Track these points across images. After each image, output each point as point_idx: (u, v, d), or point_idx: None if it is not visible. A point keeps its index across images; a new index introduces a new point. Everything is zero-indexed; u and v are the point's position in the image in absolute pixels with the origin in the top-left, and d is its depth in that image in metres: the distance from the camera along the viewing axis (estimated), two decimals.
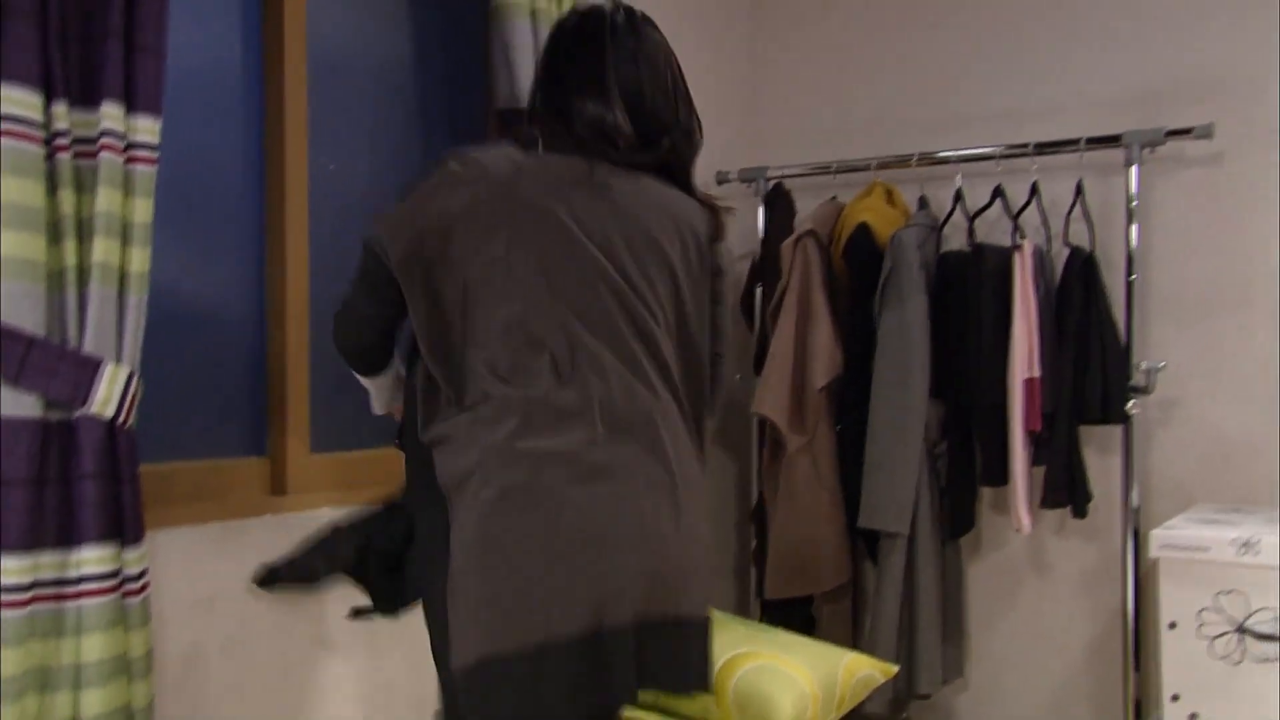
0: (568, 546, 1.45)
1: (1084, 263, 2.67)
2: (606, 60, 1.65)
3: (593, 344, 1.53)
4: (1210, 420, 2.79)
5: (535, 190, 1.54)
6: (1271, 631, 2.24)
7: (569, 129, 1.61)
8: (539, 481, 1.46)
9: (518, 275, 1.52)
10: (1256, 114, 2.74)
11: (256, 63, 2.15)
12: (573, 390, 1.51)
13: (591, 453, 1.49)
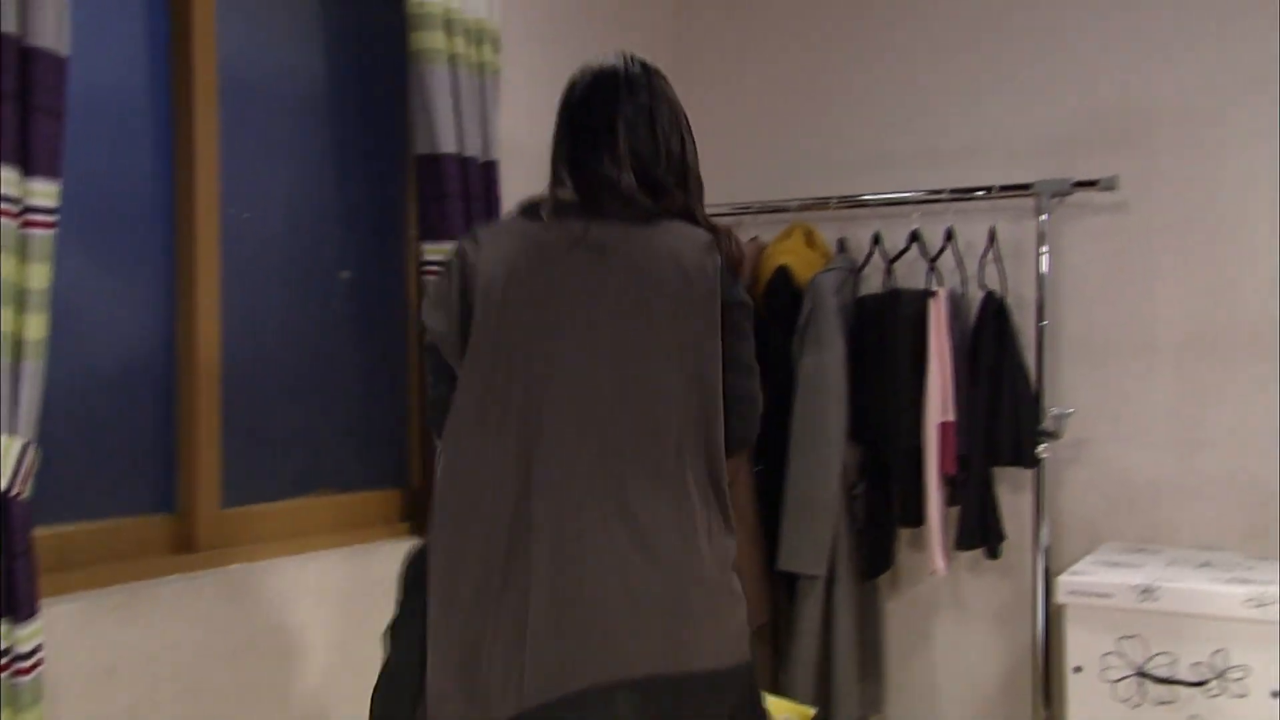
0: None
1: (996, 310, 2.73)
2: (619, 119, 1.69)
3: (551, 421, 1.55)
4: (1117, 461, 2.87)
5: (524, 275, 1.59)
6: (1169, 675, 2.31)
7: (578, 187, 1.66)
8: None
9: (484, 359, 1.58)
10: (1159, 166, 2.83)
11: (167, 114, 2.11)
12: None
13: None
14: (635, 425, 1.55)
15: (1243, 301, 2.75)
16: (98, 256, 2.00)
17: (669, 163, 1.71)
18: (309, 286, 2.41)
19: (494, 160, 2.59)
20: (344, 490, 2.46)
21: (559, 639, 1.49)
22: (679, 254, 1.60)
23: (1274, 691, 2.22)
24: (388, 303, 2.60)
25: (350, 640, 2.29)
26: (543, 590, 1.50)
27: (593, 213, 1.63)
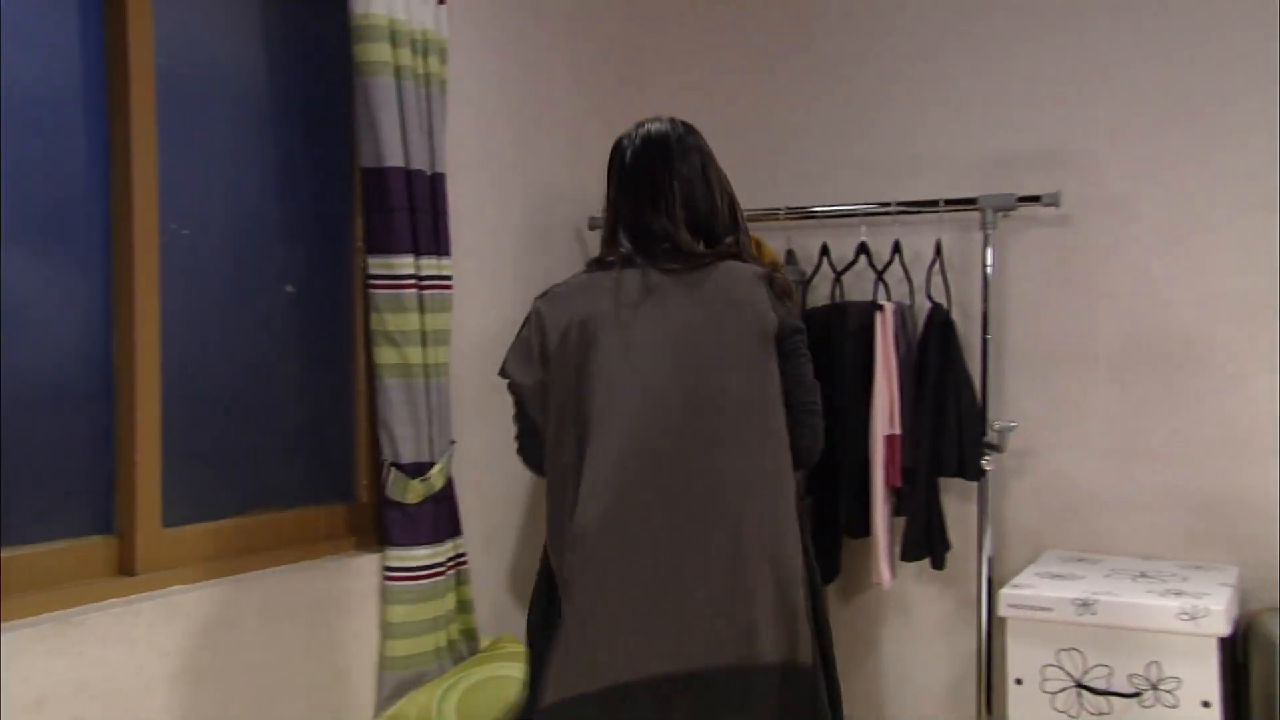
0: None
1: (942, 323, 2.76)
2: (675, 179, 1.92)
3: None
4: (1059, 471, 2.92)
5: (576, 328, 1.87)
6: (1106, 687, 2.35)
7: (637, 244, 1.90)
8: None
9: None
10: (1099, 181, 2.87)
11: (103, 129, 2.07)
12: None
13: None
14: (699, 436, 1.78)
15: (1179, 315, 2.80)
16: (30, 269, 1.96)
17: (723, 214, 1.96)
18: (252, 300, 2.38)
19: (442, 173, 2.57)
20: (289, 507, 2.43)
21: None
22: (731, 290, 1.84)
23: (1204, 701, 2.27)
24: (334, 317, 2.57)
25: (295, 659, 2.27)
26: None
27: (651, 264, 1.87)
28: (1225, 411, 2.75)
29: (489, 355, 2.91)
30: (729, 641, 1.74)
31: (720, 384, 1.79)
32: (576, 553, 1.81)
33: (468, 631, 2.66)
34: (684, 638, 1.74)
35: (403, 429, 2.48)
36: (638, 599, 1.77)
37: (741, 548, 1.75)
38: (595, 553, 1.80)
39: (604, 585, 1.80)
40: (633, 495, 1.78)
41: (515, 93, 3.02)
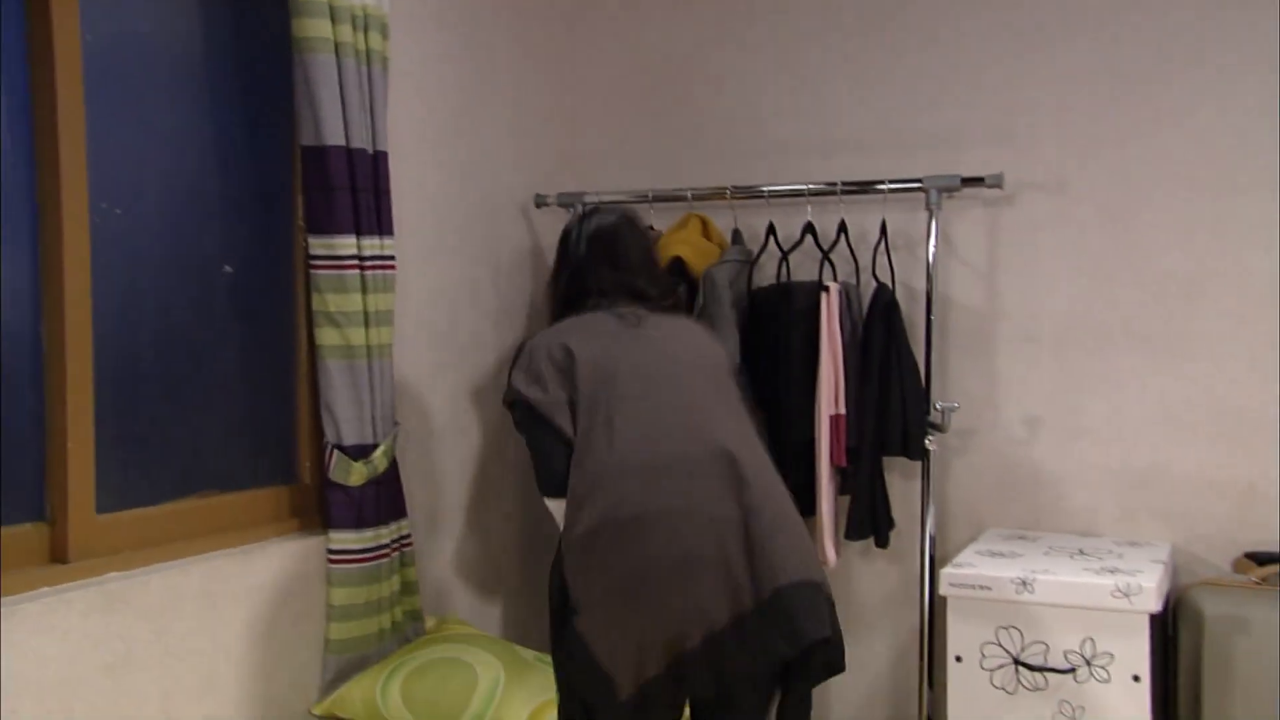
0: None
1: (886, 305, 2.77)
2: (642, 251, 2.40)
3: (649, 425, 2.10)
4: (1001, 450, 2.96)
5: (596, 348, 2.18)
6: (1042, 664, 2.40)
7: (607, 295, 2.31)
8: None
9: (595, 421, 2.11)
10: (1042, 161, 2.89)
11: (26, 105, 2.01)
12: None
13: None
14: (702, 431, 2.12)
15: (1119, 294, 2.84)
16: None
17: (656, 269, 2.45)
18: (189, 281, 2.34)
19: (384, 151, 2.53)
20: (230, 490, 2.41)
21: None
22: (690, 328, 2.33)
23: (1134, 675, 2.32)
24: (274, 298, 2.54)
25: (237, 644, 2.25)
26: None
27: (633, 304, 2.30)
28: (1162, 390, 2.80)
29: (434, 336, 2.89)
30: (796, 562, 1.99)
31: (714, 387, 2.20)
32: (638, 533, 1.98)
33: (412, 613, 2.65)
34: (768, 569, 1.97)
35: (345, 411, 2.46)
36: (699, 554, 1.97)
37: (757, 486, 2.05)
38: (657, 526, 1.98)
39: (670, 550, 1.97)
40: (675, 474, 2.04)
41: (458, 69, 2.98)
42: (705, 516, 1.97)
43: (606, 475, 2.03)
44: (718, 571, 1.94)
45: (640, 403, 2.11)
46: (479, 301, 3.06)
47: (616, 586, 1.96)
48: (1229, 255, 2.74)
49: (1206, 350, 2.76)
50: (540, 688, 2.35)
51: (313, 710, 2.43)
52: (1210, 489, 2.75)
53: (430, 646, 2.50)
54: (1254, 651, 2.38)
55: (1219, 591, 2.49)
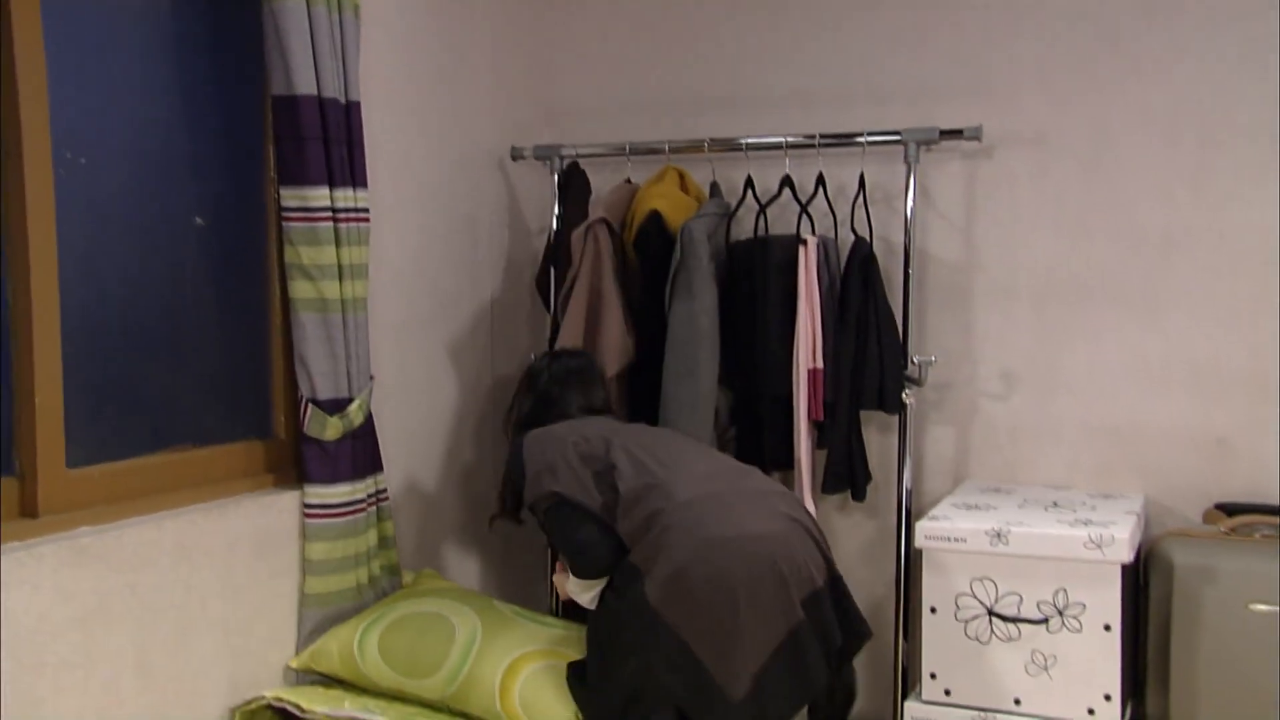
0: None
1: (864, 259, 2.76)
2: (594, 382, 2.61)
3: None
4: (977, 403, 2.97)
5: (591, 429, 2.38)
6: (1016, 614, 2.42)
7: (569, 414, 2.51)
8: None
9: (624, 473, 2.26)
10: (1021, 113, 2.88)
11: None
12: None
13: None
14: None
15: (1096, 248, 2.84)
16: None
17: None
18: (159, 233, 2.30)
19: (356, 101, 2.49)
20: (204, 445, 2.39)
21: None
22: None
23: (1105, 625, 2.35)
24: (247, 250, 2.51)
25: (212, 599, 2.25)
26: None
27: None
28: (1138, 343, 2.81)
29: (409, 288, 2.87)
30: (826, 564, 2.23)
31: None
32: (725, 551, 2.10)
33: (390, 567, 2.65)
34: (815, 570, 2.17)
35: (320, 365, 2.44)
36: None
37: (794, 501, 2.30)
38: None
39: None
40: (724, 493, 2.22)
41: (434, 18, 2.93)
42: (779, 517, 2.17)
43: (680, 513, 2.14)
44: (805, 552, 2.15)
45: (674, 462, 2.26)
46: (455, 254, 3.03)
47: (725, 600, 2.06)
48: (1206, 209, 2.74)
49: (1182, 305, 2.77)
50: (518, 641, 2.36)
51: (290, 664, 2.43)
52: (1183, 442, 2.77)
53: (408, 600, 2.50)
54: (1221, 599, 2.40)
55: (1189, 542, 2.51)
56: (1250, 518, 2.55)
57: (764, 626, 2.06)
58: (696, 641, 2.06)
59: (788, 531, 2.15)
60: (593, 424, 2.43)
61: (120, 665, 2.05)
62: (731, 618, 2.04)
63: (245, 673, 2.33)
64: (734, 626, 2.05)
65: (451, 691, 2.29)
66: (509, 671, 2.29)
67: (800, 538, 2.16)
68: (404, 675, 2.32)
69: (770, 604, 2.07)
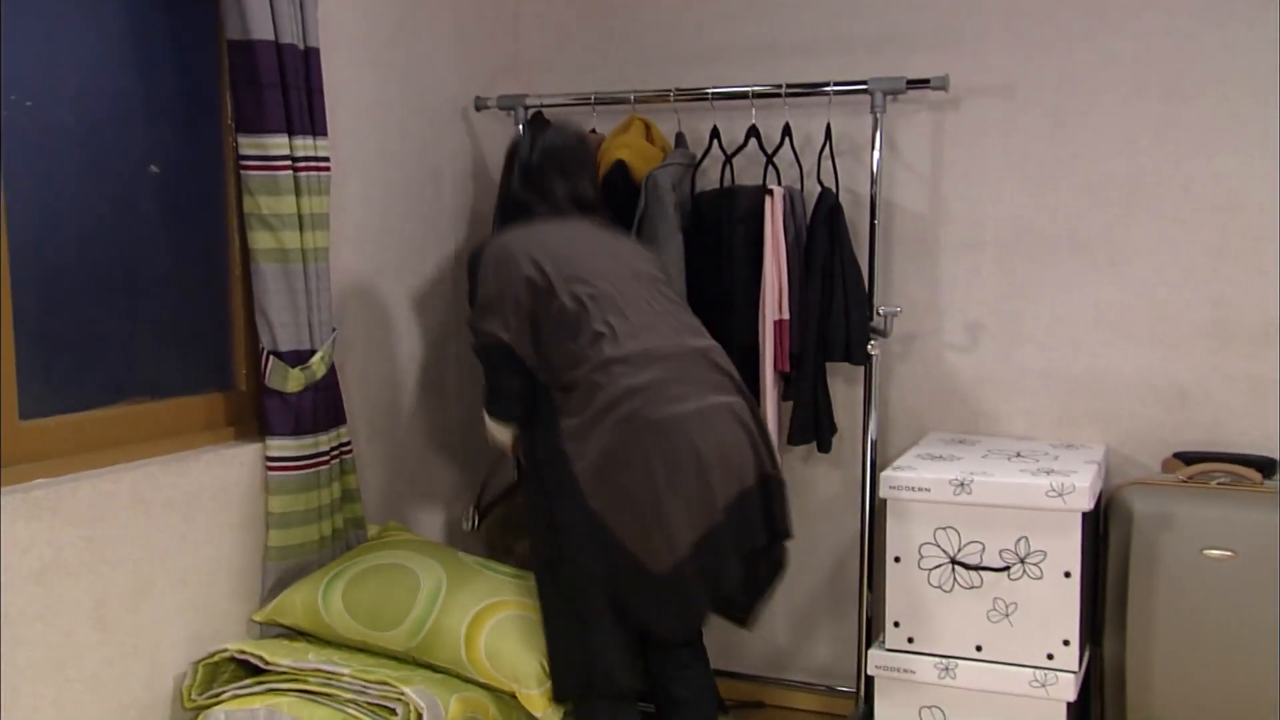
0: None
1: (830, 209, 2.75)
2: (581, 165, 2.50)
3: (638, 321, 2.27)
4: (943, 355, 2.98)
5: (557, 249, 2.31)
6: (978, 563, 2.44)
7: (558, 206, 2.44)
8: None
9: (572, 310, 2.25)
10: (988, 64, 2.86)
11: None
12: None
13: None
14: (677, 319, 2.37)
15: (1061, 199, 2.84)
16: None
17: (593, 179, 2.57)
18: (112, 180, 2.25)
19: (315, 48, 2.44)
20: (162, 397, 2.35)
21: None
22: (630, 241, 2.50)
23: (1065, 572, 2.38)
24: (203, 197, 2.46)
25: (172, 552, 2.23)
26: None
27: (587, 212, 2.47)
28: (1102, 295, 2.82)
29: (372, 239, 2.83)
30: (757, 460, 2.25)
31: (666, 292, 2.39)
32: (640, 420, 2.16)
33: (354, 520, 2.64)
34: (743, 462, 2.22)
35: (281, 316, 2.40)
36: (709, 441, 2.18)
37: (734, 381, 2.31)
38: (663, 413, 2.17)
39: (684, 439, 2.16)
40: (667, 362, 2.23)
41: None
42: (724, 406, 2.21)
43: (616, 378, 2.18)
44: (744, 445, 2.21)
45: (624, 311, 2.25)
46: (418, 205, 2.99)
47: (658, 481, 2.13)
48: (1170, 161, 2.74)
49: (1145, 255, 2.78)
50: (483, 592, 2.36)
51: (254, 617, 2.42)
52: (1144, 392, 2.80)
53: (372, 553, 2.49)
54: (1177, 545, 2.44)
55: (1148, 490, 2.54)
56: (1207, 466, 2.58)
57: (686, 523, 2.14)
58: (623, 530, 2.16)
59: (722, 428, 2.19)
60: (563, 234, 2.36)
61: (77, 617, 2.03)
62: (655, 511, 2.13)
63: (207, 626, 2.31)
64: (656, 518, 2.13)
65: (416, 643, 2.29)
66: (474, 622, 2.29)
67: (734, 435, 2.21)
68: (368, 627, 2.32)
69: (692, 500, 2.14)
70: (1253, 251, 2.68)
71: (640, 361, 2.20)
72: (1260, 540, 2.40)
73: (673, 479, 2.13)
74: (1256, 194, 2.67)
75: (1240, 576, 2.40)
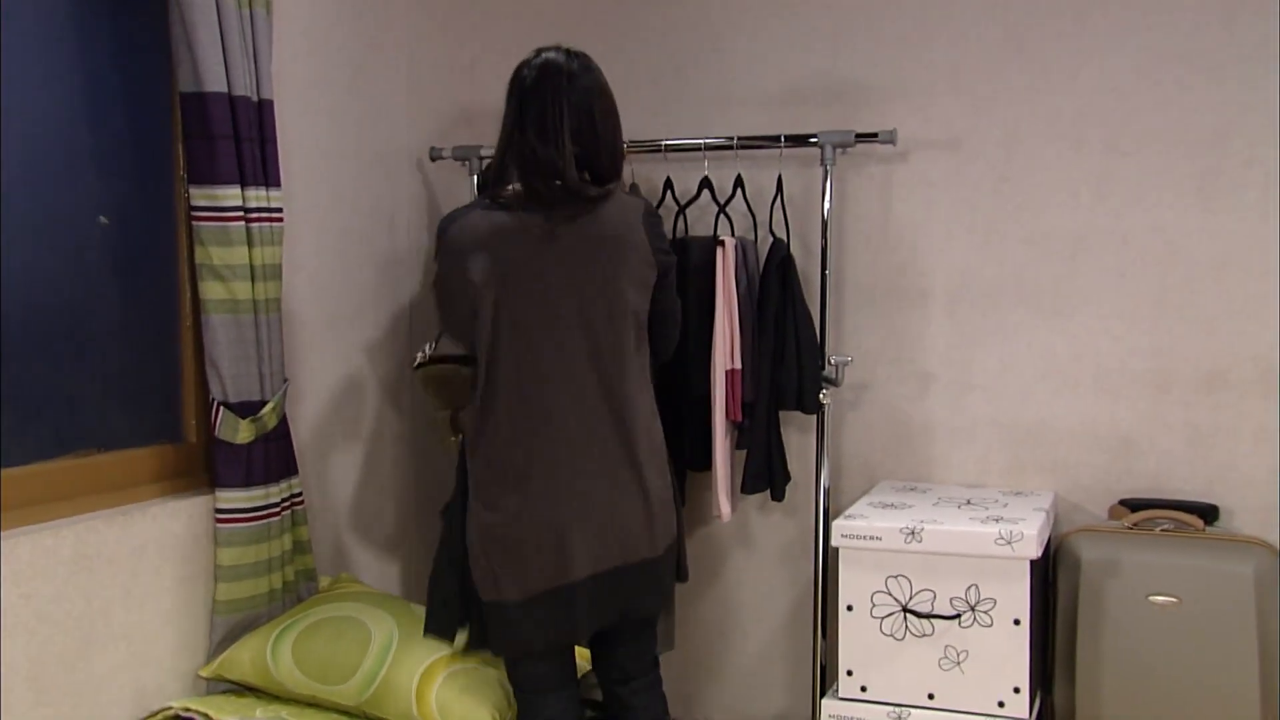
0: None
1: (781, 260, 2.79)
2: (562, 109, 2.10)
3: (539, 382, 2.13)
4: (894, 403, 3.01)
5: (495, 253, 2.09)
6: (929, 610, 2.46)
7: (526, 177, 2.10)
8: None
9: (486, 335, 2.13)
10: (936, 119, 2.93)
11: None
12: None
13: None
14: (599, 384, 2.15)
15: (1007, 250, 2.90)
16: None
17: (608, 151, 2.17)
18: (60, 232, 2.24)
19: (269, 99, 2.45)
20: (109, 449, 2.33)
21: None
22: (616, 223, 2.12)
23: (1015, 619, 2.40)
24: (154, 248, 2.45)
25: (116, 609, 2.19)
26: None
27: (545, 205, 2.10)
28: (1049, 344, 2.88)
29: (325, 289, 2.83)
30: (643, 539, 2.18)
31: (615, 329, 2.14)
32: (521, 488, 2.13)
33: (305, 572, 2.61)
34: (612, 541, 2.14)
35: (232, 367, 2.39)
36: (581, 511, 2.13)
37: (638, 453, 2.18)
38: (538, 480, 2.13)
39: (555, 504, 2.13)
40: (560, 434, 2.13)
41: (350, 17, 2.89)
42: (600, 473, 2.14)
43: (510, 419, 2.13)
44: (606, 525, 2.15)
45: (539, 345, 2.11)
46: (373, 255, 3.00)
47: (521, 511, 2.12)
48: (1110, 214, 2.81)
49: (1089, 307, 2.84)
50: (434, 645, 2.33)
51: (200, 673, 2.38)
52: (1090, 440, 2.85)
53: (323, 605, 2.47)
54: (1124, 592, 2.48)
55: (1095, 537, 2.58)
56: (1152, 513, 2.63)
57: (543, 579, 2.13)
58: (496, 575, 2.15)
59: (603, 521, 2.15)
60: (508, 253, 2.10)
61: (12, 679, 1.99)
62: (522, 571, 2.13)
63: (152, 683, 2.27)
64: (522, 572, 2.13)
65: (367, 697, 2.26)
66: (425, 675, 2.27)
67: (615, 525, 2.16)
68: (318, 681, 2.29)
69: (551, 567, 2.13)
70: (1190, 304, 2.75)
71: (549, 457, 2.16)
72: (1202, 586, 2.44)
73: (541, 562, 2.15)
74: (1192, 247, 2.75)
75: (1184, 622, 2.44)
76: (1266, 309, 2.69)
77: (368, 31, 2.96)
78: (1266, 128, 2.67)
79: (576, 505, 2.12)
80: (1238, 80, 2.68)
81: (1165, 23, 2.73)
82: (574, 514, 2.12)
